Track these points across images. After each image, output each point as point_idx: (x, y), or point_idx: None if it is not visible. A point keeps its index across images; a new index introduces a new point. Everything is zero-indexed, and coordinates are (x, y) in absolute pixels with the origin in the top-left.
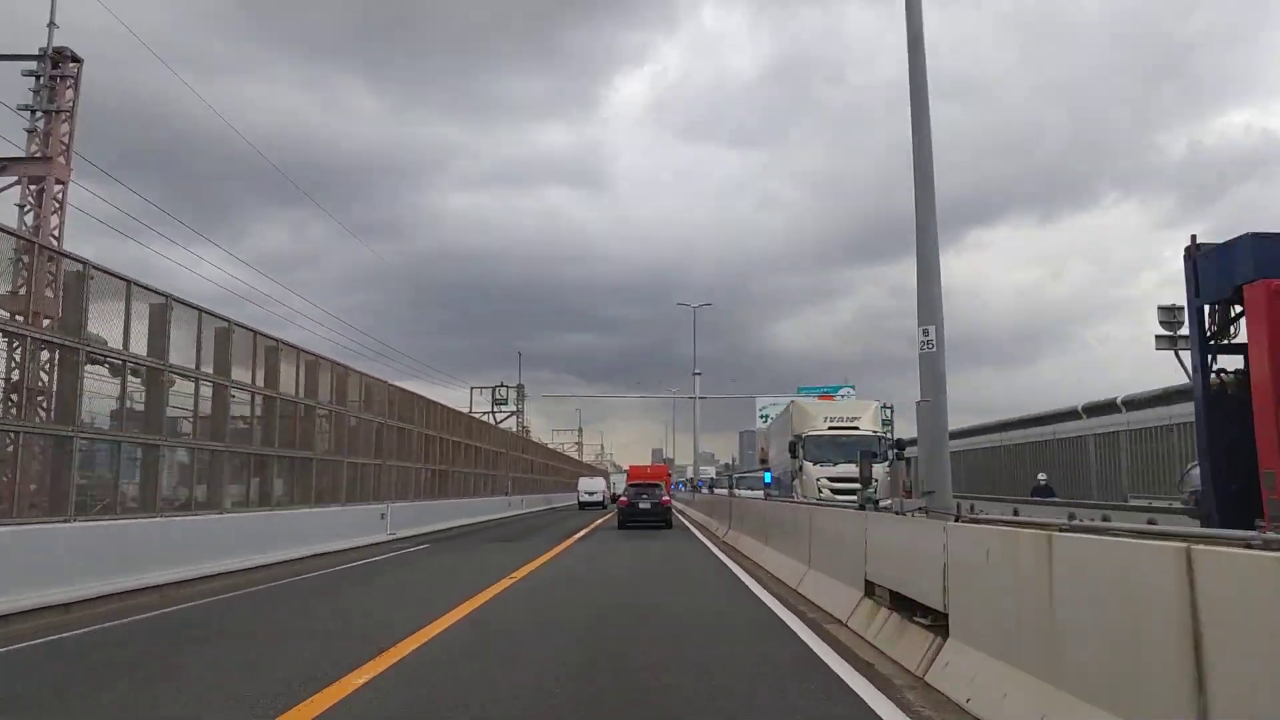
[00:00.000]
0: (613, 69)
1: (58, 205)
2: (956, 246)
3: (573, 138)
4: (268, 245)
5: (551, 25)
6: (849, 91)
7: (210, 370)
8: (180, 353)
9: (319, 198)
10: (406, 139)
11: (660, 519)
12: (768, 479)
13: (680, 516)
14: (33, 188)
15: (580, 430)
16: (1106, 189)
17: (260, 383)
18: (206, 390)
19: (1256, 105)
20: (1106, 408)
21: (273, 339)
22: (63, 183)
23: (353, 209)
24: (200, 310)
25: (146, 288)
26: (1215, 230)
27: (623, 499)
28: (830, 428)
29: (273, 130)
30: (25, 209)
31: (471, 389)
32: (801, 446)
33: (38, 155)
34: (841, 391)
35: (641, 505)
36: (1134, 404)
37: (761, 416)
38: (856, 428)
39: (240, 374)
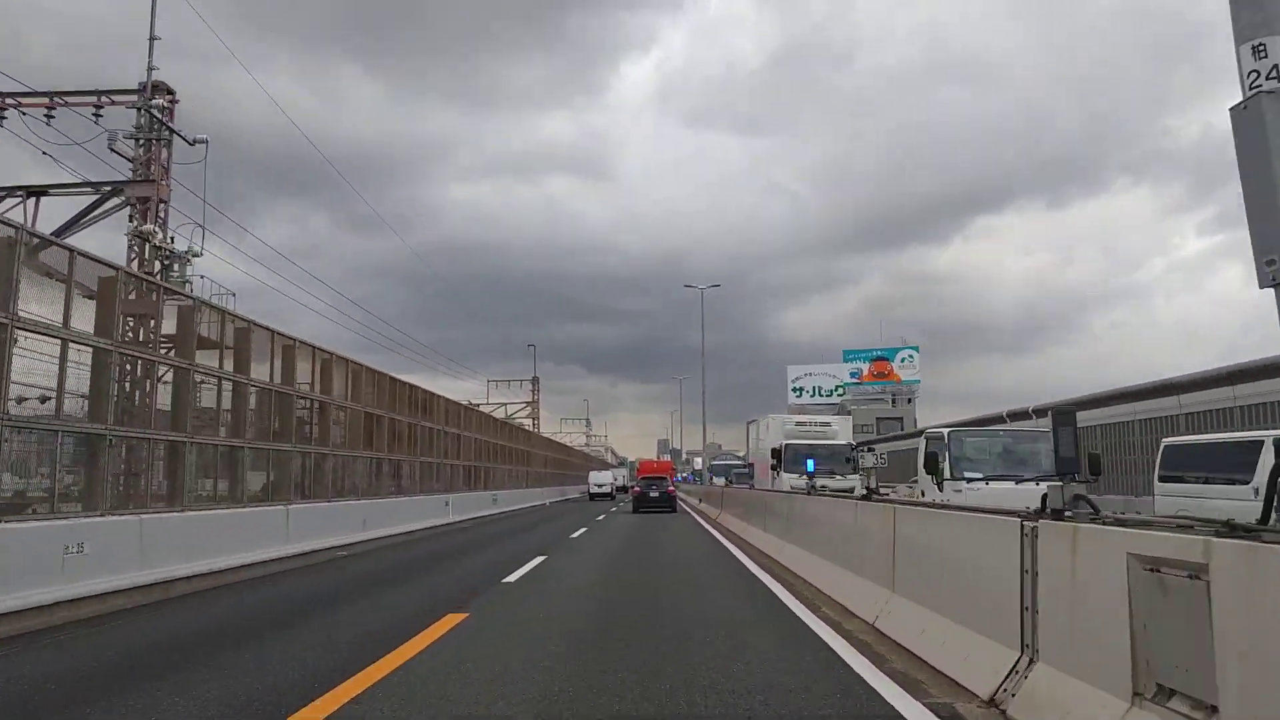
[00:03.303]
0: (619, 55)
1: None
2: (964, 234)
3: (577, 126)
4: (269, 237)
5: (555, 9)
6: (856, 76)
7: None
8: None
9: (318, 189)
10: (407, 129)
11: (667, 505)
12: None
13: None
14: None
15: (534, 398)
16: (1115, 174)
17: None
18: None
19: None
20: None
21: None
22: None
23: (353, 201)
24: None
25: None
26: (1223, 216)
27: (636, 489)
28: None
29: (270, 121)
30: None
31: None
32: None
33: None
34: (901, 354)
35: (651, 494)
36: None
37: (794, 390)
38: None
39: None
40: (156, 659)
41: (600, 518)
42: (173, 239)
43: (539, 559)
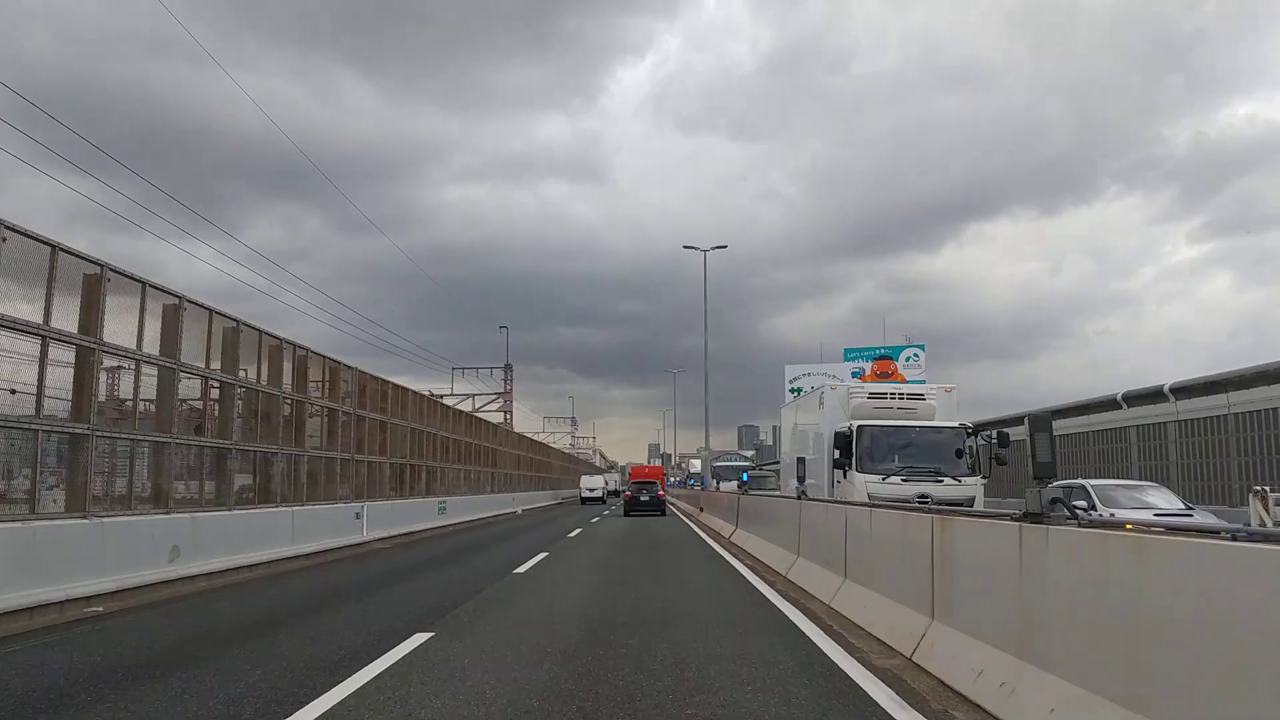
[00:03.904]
0: (614, 59)
1: None
2: (957, 240)
3: (572, 129)
4: (261, 240)
5: (550, 13)
6: (851, 80)
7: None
8: None
9: (312, 191)
10: (402, 131)
11: (657, 508)
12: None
13: None
14: None
15: (506, 388)
16: (1108, 182)
17: None
18: None
19: (1260, 97)
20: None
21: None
22: None
23: (348, 204)
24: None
25: None
26: (1216, 223)
27: (627, 493)
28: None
29: (263, 122)
30: None
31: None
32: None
33: None
34: (906, 354)
35: (642, 498)
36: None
37: (792, 390)
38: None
39: None
40: None
41: (574, 534)
42: None
43: (410, 644)
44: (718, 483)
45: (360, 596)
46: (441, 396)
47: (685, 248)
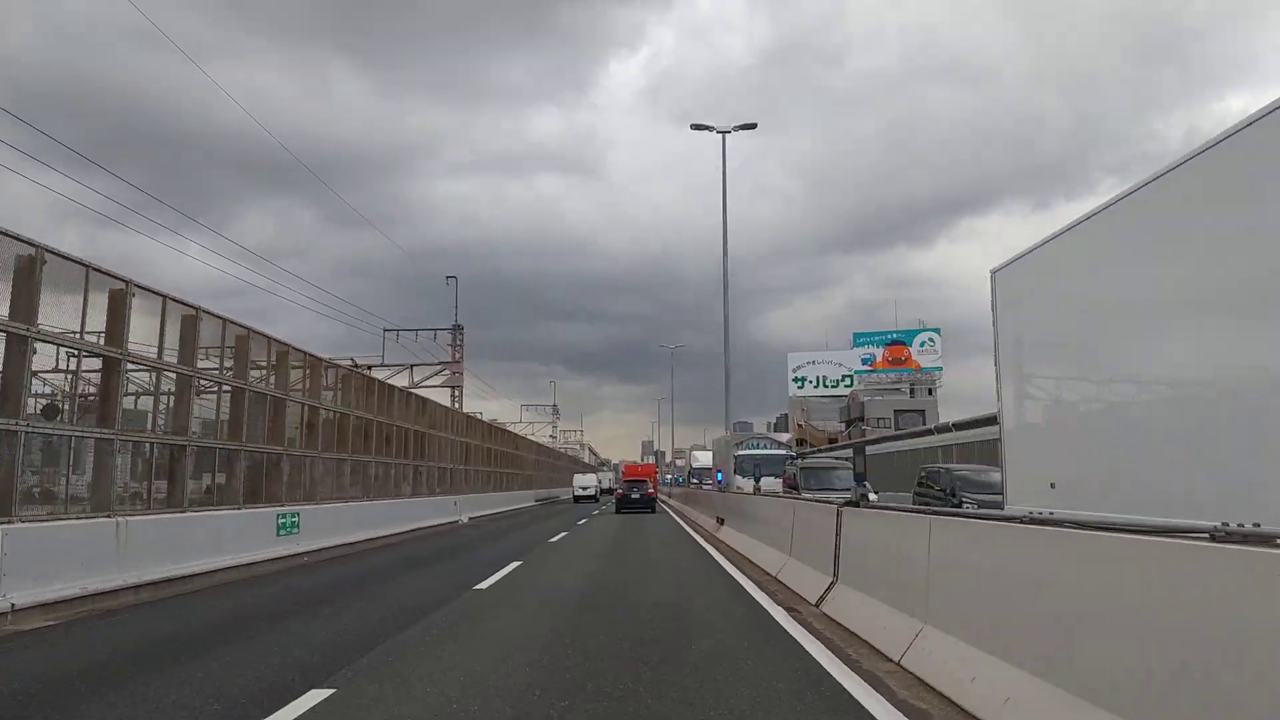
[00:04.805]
0: (608, 52)
1: None
2: (950, 235)
3: (565, 123)
4: (254, 234)
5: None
6: (846, 77)
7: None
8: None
9: (304, 186)
10: (394, 125)
11: (648, 506)
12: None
13: None
14: None
15: (455, 355)
16: (1101, 176)
17: None
18: None
19: (1253, 88)
20: None
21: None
22: None
23: (342, 198)
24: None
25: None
26: None
27: (619, 491)
28: None
29: (264, 117)
30: None
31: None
32: None
33: None
34: (920, 338)
35: (634, 496)
36: None
37: (795, 380)
38: None
39: None
40: None
41: (489, 582)
42: None
43: None
44: (756, 482)
45: None
46: (370, 368)
47: (694, 127)
